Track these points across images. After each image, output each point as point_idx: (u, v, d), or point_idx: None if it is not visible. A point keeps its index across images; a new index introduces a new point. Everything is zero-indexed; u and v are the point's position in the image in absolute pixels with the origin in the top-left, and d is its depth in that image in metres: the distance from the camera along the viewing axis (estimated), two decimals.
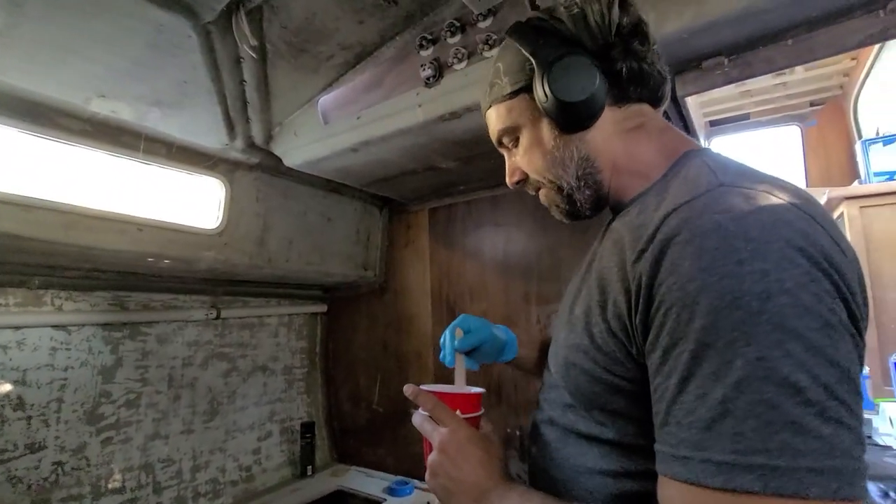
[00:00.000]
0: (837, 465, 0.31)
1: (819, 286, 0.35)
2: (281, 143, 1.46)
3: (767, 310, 0.34)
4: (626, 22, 0.55)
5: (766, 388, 0.33)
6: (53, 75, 1.01)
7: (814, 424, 0.32)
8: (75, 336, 1.46)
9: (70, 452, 1.42)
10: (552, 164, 0.61)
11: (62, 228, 1.14)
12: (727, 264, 0.36)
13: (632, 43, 0.55)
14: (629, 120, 0.58)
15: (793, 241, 0.36)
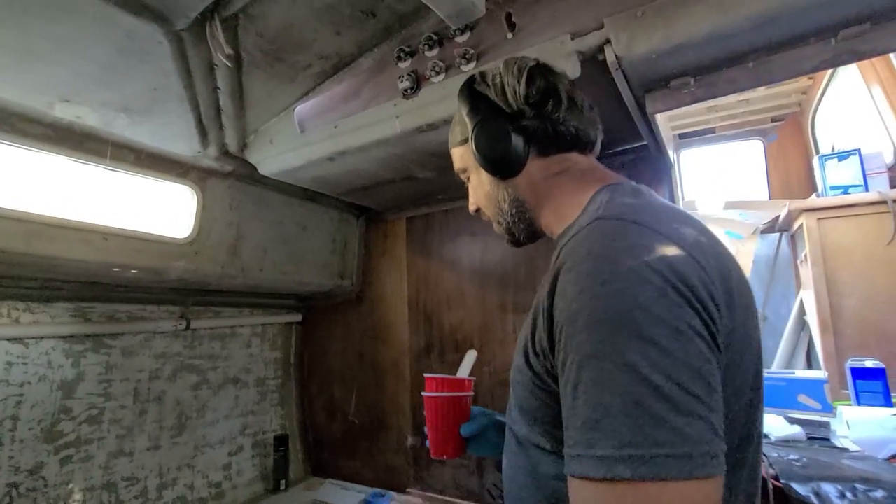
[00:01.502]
0: (689, 450, 0.37)
1: (669, 300, 0.41)
2: (256, 151, 1.44)
3: (627, 322, 0.40)
4: (535, 92, 0.64)
5: (634, 389, 0.38)
6: (14, 79, 0.97)
7: (670, 417, 0.37)
8: (33, 349, 1.39)
9: (25, 473, 1.35)
10: (492, 203, 0.72)
11: (23, 238, 1.09)
12: (595, 286, 0.43)
13: (542, 108, 0.64)
14: (553, 167, 0.67)
15: (647, 263, 0.43)
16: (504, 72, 0.66)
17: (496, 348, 1.73)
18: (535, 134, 0.65)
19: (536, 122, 0.64)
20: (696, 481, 0.36)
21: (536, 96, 0.64)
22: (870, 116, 2.17)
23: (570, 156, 0.67)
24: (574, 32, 0.95)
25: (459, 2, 0.84)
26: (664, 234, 0.46)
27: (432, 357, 1.87)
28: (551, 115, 0.64)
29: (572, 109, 0.66)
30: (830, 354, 2.05)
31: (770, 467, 1.25)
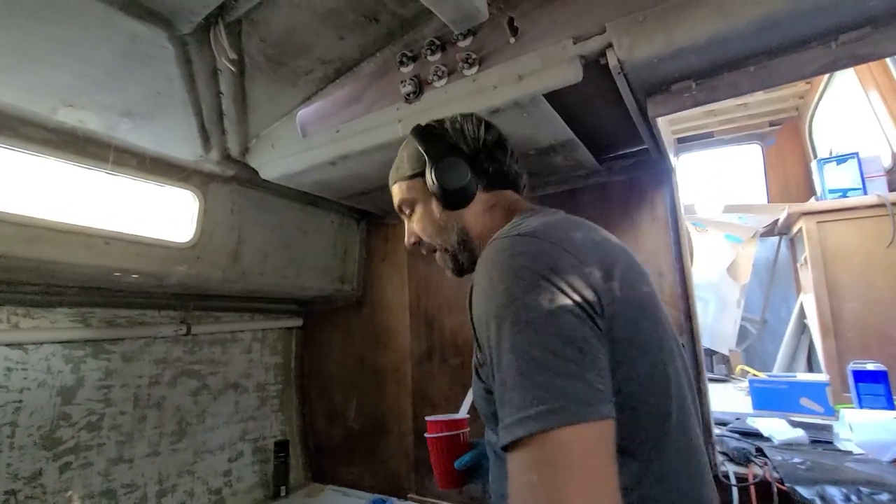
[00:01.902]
0: (566, 403, 0.44)
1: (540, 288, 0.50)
2: (257, 156, 1.44)
3: (510, 313, 0.50)
4: (490, 138, 0.79)
5: (521, 364, 0.47)
6: (16, 83, 0.97)
7: (549, 380, 0.46)
8: (33, 355, 1.38)
9: (24, 480, 1.33)
10: (440, 232, 0.81)
11: (23, 242, 1.08)
12: (487, 288, 0.54)
13: (495, 152, 0.79)
14: (491, 201, 0.79)
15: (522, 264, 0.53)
16: (463, 120, 0.80)
17: None
18: (486, 172, 0.77)
19: (488, 162, 0.77)
20: (580, 425, 0.44)
21: (491, 142, 0.79)
22: (867, 120, 2.18)
23: (505, 192, 0.80)
24: (576, 37, 0.96)
25: (462, 6, 0.85)
26: (544, 238, 0.57)
27: (434, 362, 1.86)
28: (499, 159, 0.79)
29: (513, 157, 0.82)
30: (831, 357, 2.05)
31: (774, 470, 1.25)
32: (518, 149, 1.32)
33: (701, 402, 1.36)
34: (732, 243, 2.76)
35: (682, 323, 1.41)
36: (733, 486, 1.25)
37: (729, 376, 2.77)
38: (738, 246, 2.75)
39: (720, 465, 1.32)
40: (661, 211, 1.49)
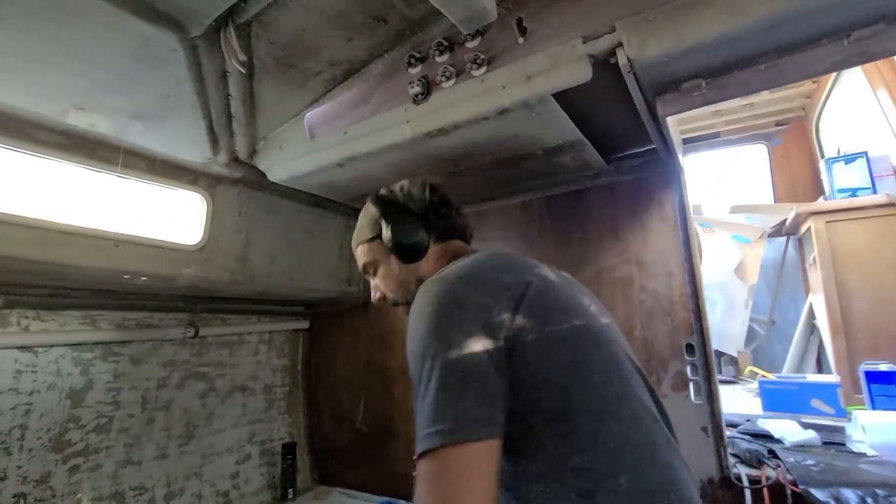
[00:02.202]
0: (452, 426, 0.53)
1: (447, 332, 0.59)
2: (265, 158, 1.44)
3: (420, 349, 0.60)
4: (435, 199, 0.91)
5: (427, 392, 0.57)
6: (28, 86, 0.98)
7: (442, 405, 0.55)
8: (42, 358, 1.38)
9: (33, 483, 1.34)
10: (400, 286, 0.90)
11: (35, 245, 1.09)
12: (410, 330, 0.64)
13: (440, 209, 0.91)
14: (441, 251, 0.89)
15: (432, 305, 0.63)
16: (410, 185, 0.94)
17: None
18: (434, 227, 0.89)
19: (436, 218, 0.89)
20: (465, 445, 0.53)
21: (437, 201, 0.91)
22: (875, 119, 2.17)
23: (454, 242, 0.92)
24: (585, 36, 0.95)
25: (471, 6, 0.85)
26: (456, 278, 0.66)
27: None
28: (445, 214, 0.91)
29: (458, 212, 0.95)
30: (842, 358, 2.03)
31: (787, 472, 1.24)
32: (525, 149, 1.33)
33: (711, 403, 1.35)
34: (740, 244, 2.74)
35: (691, 323, 1.40)
36: (746, 488, 1.23)
37: (737, 378, 2.75)
38: (746, 246, 2.73)
39: (731, 468, 1.31)
40: (670, 211, 1.48)
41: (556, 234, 1.68)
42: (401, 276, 0.89)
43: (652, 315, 1.47)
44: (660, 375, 1.43)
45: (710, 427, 1.34)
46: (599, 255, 1.58)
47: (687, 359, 1.40)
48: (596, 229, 1.61)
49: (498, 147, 1.30)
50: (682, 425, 1.38)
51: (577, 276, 1.59)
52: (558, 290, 0.71)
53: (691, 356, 1.40)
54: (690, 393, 1.38)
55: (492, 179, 1.60)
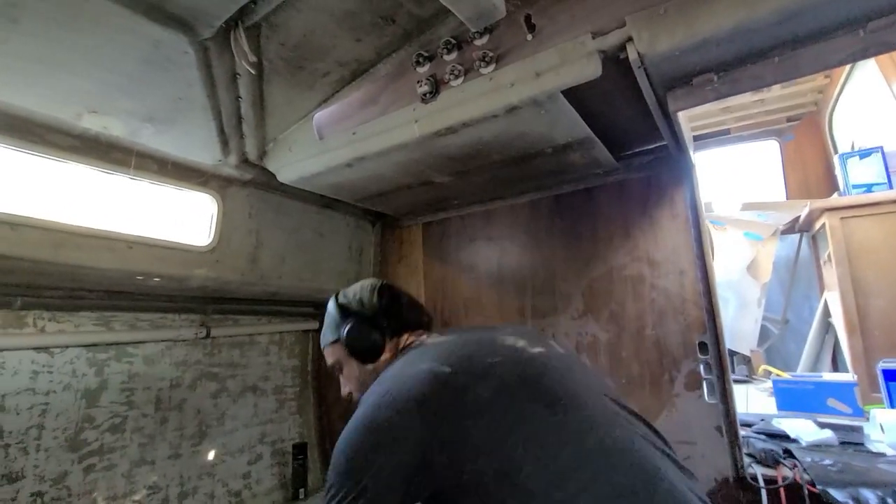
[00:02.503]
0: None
1: (366, 452, 0.66)
2: (275, 159, 1.45)
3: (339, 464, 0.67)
4: (385, 301, 0.96)
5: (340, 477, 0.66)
6: (43, 91, 1.00)
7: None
8: (58, 358, 1.40)
9: (50, 482, 1.35)
10: (361, 385, 0.93)
11: (50, 247, 1.10)
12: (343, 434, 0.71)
13: (390, 310, 0.95)
14: (394, 345, 0.94)
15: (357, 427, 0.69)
16: (361, 291, 0.98)
17: None
18: (386, 327, 0.94)
19: (386, 319, 0.94)
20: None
21: (385, 303, 0.95)
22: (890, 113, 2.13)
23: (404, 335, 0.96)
24: (595, 32, 0.95)
25: (479, 4, 0.85)
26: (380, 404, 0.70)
27: None
28: (395, 313, 0.95)
29: (409, 307, 0.99)
30: (858, 356, 2.00)
31: (804, 472, 1.22)
32: (534, 147, 1.32)
33: (726, 402, 1.33)
34: (752, 241, 2.71)
35: (704, 321, 1.38)
36: (762, 488, 1.22)
37: (750, 377, 2.71)
38: (759, 244, 2.69)
39: (747, 467, 1.29)
40: (681, 208, 1.46)
41: (565, 233, 1.67)
42: (361, 377, 0.95)
43: (664, 313, 1.46)
44: (672, 374, 1.42)
45: (725, 426, 1.32)
46: (610, 253, 1.57)
47: (700, 357, 1.38)
48: (606, 227, 1.60)
49: (506, 145, 1.30)
50: (696, 425, 1.36)
51: (588, 274, 1.59)
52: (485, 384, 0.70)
53: (704, 355, 1.38)
54: (704, 392, 1.36)
55: (500, 178, 1.60)
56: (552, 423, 0.66)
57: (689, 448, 1.36)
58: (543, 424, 0.66)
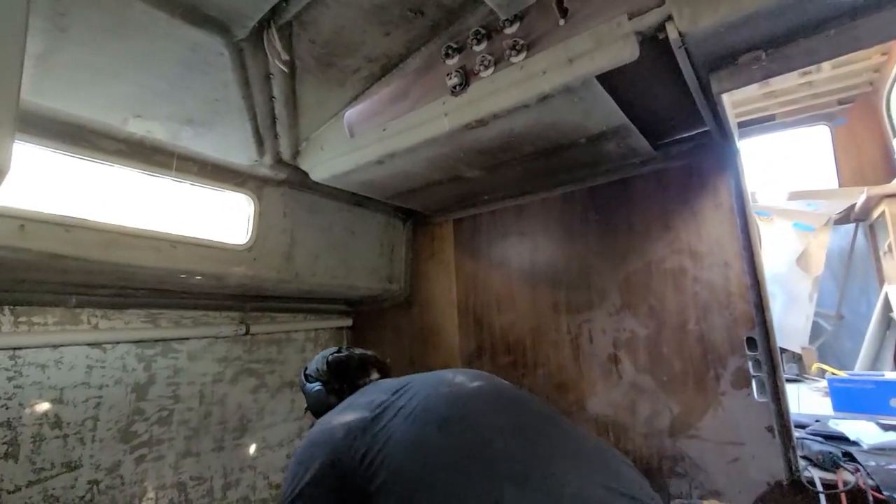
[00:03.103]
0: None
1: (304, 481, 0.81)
2: (308, 158, 1.47)
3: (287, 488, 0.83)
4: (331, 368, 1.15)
5: None
6: (92, 98, 1.05)
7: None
8: (110, 354, 1.48)
9: (105, 471, 1.43)
10: None
11: (101, 247, 1.16)
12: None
13: (338, 374, 1.15)
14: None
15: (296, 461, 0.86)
16: (317, 363, 1.19)
17: (549, 350, 1.68)
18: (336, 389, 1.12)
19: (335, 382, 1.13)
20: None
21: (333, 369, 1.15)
22: None
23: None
24: (631, 12, 0.91)
25: None
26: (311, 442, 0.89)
27: (483, 360, 1.83)
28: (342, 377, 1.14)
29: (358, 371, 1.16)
30: None
31: (868, 477, 1.13)
32: (567, 138, 1.29)
33: (778, 401, 1.25)
34: (802, 232, 2.55)
35: (753, 316, 1.31)
36: (820, 492, 1.14)
37: (801, 376, 2.56)
38: (809, 235, 2.54)
39: (802, 471, 1.21)
40: (726, 196, 1.39)
41: (600, 226, 1.62)
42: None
43: (708, 308, 1.39)
44: (717, 371, 1.35)
45: (777, 426, 1.25)
46: (648, 246, 1.51)
47: (748, 354, 1.31)
48: (643, 219, 1.54)
49: (538, 137, 1.27)
50: (745, 424, 1.29)
51: (624, 268, 1.54)
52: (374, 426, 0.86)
53: (753, 351, 1.31)
54: (753, 390, 1.29)
55: (531, 171, 1.57)
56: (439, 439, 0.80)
57: (737, 449, 1.29)
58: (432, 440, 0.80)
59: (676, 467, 1.38)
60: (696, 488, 1.35)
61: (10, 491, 1.25)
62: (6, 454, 1.26)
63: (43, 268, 1.15)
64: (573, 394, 1.60)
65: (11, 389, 1.28)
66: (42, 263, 1.11)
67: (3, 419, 1.26)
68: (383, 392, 0.93)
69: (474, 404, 0.87)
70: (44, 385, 1.34)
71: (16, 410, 1.29)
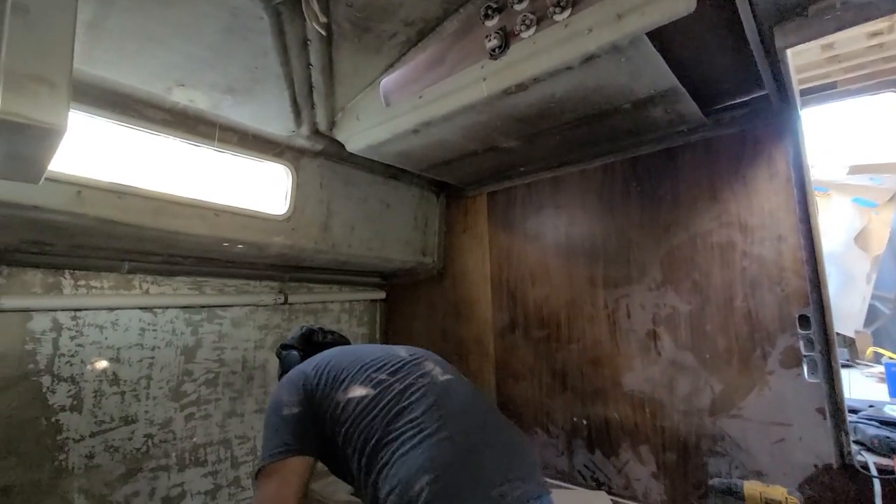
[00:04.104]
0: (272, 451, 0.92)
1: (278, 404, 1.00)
2: (344, 129, 1.47)
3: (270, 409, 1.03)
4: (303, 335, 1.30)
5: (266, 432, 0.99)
6: (137, 66, 1.07)
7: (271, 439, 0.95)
8: (160, 318, 1.56)
9: (158, 426, 1.53)
10: None
11: (151, 214, 1.21)
12: None
13: (308, 339, 1.29)
14: None
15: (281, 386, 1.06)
16: (295, 331, 1.33)
17: (585, 325, 1.65)
18: (306, 352, 1.24)
19: (305, 347, 1.27)
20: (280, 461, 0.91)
21: (306, 336, 1.30)
22: None
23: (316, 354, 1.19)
24: None
25: None
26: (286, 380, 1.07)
27: (516, 334, 1.83)
28: (311, 341, 1.29)
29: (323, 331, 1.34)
30: None
31: None
32: (611, 103, 1.23)
33: (831, 382, 1.19)
34: (863, 208, 2.37)
35: (807, 293, 1.24)
36: (875, 477, 1.08)
37: (854, 361, 2.43)
38: (870, 211, 2.36)
39: (855, 455, 1.15)
40: (782, 166, 1.30)
41: (642, 199, 1.56)
42: None
43: (757, 284, 1.32)
44: (765, 350, 1.29)
45: (829, 408, 1.19)
46: (693, 218, 1.44)
47: (800, 332, 1.24)
48: (689, 191, 1.46)
49: (580, 102, 1.22)
50: (793, 405, 1.24)
51: (667, 242, 1.48)
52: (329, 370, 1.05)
53: (806, 329, 1.24)
54: (804, 370, 1.23)
55: (571, 141, 1.51)
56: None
57: (784, 430, 1.24)
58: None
59: (716, 446, 1.35)
60: (736, 468, 1.31)
61: (76, 440, 1.36)
62: (71, 407, 1.36)
63: (98, 233, 1.21)
64: (608, 369, 1.57)
65: (74, 347, 1.38)
66: (97, 229, 1.17)
67: (67, 375, 1.36)
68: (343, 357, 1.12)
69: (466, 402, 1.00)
70: (102, 345, 1.43)
71: (79, 367, 1.39)
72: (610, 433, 1.55)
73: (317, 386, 1.01)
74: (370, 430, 0.89)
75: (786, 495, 1.14)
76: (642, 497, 1.46)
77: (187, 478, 1.57)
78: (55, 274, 1.36)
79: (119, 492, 1.42)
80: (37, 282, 1.33)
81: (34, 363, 1.31)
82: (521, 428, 1.77)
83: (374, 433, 0.88)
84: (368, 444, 0.88)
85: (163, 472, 1.52)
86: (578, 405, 1.64)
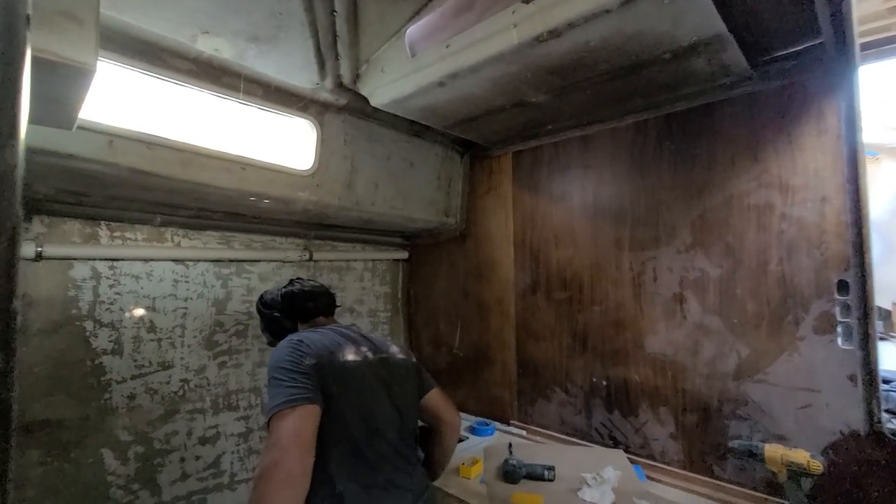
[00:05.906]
0: (279, 401, 0.93)
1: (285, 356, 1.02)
2: (368, 82, 1.44)
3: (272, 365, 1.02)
4: (286, 300, 1.30)
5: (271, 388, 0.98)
6: (162, 12, 1.06)
7: (278, 391, 0.96)
8: (192, 270, 1.61)
9: (193, 372, 1.61)
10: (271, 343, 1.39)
11: (180, 165, 1.22)
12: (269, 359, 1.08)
13: (293, 304, 1.30)
14: (303, 325, 1.29)
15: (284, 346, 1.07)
16: (272, 295, 1.35)
17: (609, 287, 1.63)
18: (290, 315, 1.30)
19: (289, 312, 1.30)
20: (288, 409, 0.92)
21: (287, 301, 1.30)
22: None
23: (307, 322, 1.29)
24: None
25: None
26: (296, 339, 1.08)
27: (538, 295, 1.82)
28: (296, 307, 1.29)
29: (311, 299, 1.30)
30: None
31: None
32: (650, 52, 1.16)
33: (866, 349, 1.15)
34: None
35: (849, 257, 1.18)
36: None
37: (888, 334, 2.35)
38: None
39: (886, 422, 1.13)
40: (832, 122, 1.22)
41: (675, 158, 1.49)
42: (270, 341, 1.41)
43: (794, 247, 1.27)
44: (797, 315, 1.25)
45: (861, 375, 1.16)
46: (730, 179, 1.38)
47: (837, 298, 1.20)
48: (727, 149, 1.39)
49: (616, 51, 1.15)
50: (823, 371, 1.21)
51: (700, 204, 1.43)
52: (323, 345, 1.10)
53: (844, 295, 1.19)
54: (838, 336, 1.19)
55: (603, 96, 1.44)
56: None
57: (811, 395, 1.22)
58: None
59: (738, 410, 1.34)
60: (757, 432, 1.30)
61: (119, 381, 1.45)
62: (113, 350, 1.44)
63: (129, 184, 1.24)
64: (630, 332, 1.56)
65: (113, 295, 1.45)
66: (128, 179, 1.19)
67: (108, 321, 1.44)
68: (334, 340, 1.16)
69: None
70: (139, 294, 1.50)
71: (118, 314, 1.46)
72: (629, 394, 1.56)
73: None
74: None
75: (808, 459, 1.13)
76: (659, 456, 1.48)
77: (221, 420, 1.66)
78: (92, 225, 1.41)
79: (160, 430, 1.52)
80: (75, 231, 1.38)
81: (77, 309, 1.38)
82: (540, 387, 1.80)
83: None
84: None
85: (199, 414, 1.61)
86: (598, 366, 1.64)
